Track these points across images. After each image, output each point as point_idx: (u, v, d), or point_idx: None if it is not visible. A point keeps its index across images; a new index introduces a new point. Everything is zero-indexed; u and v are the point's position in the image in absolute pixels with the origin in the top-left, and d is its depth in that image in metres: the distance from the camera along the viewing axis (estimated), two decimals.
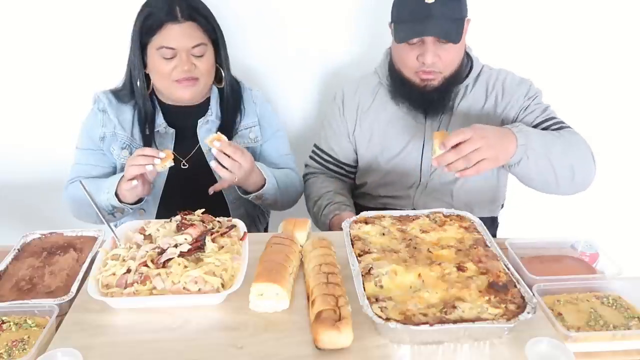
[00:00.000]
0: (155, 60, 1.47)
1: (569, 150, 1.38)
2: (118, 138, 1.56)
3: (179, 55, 1.45)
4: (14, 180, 2.11)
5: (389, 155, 1.63)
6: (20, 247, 1.25)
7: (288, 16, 1.94)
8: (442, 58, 1.44)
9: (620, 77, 2.04)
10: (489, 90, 1.57)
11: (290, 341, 0.94)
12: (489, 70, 1.60)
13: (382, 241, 1.14)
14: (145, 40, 1.47)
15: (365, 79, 1.70)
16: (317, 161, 1.76)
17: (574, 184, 1.43)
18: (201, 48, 1.47)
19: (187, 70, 1.46)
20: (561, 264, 1.17)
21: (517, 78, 1.58)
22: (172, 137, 1.58)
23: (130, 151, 1.56)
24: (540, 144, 1.34)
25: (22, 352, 0.92)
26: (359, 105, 1.67)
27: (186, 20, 1.44)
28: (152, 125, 1.57)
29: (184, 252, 1.07)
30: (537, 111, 1.51)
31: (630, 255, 1.42)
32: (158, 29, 1.44)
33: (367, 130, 1.66)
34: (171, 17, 1.43)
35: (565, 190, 1.45)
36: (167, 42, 1.44)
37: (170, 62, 1.46)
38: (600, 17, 1.96)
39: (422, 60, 1.44)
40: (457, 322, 0.88)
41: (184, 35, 1.44)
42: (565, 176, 1.39)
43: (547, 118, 1.49)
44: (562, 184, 1.41)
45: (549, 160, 1.35)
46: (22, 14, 1.88)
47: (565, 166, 1.38)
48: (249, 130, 1.65)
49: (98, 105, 1.59)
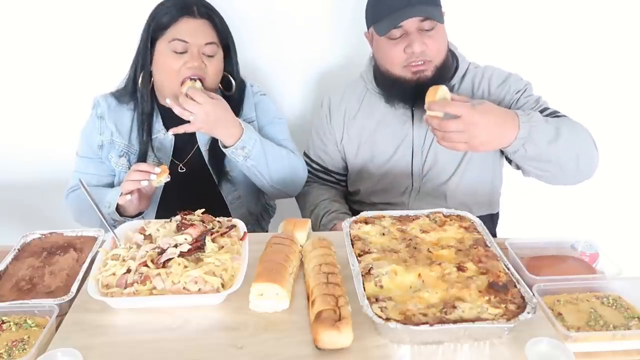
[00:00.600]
0: (163, 56, 1.45)
1: (572, 139, 1.34)
2: (116, 145, 1.55)
3: (190, 50, 1.43)
4: (14, 180, 2.11)
5: (379, 161, 1.62)
6: (20, 247, 1.24)
7: (281, 17, 1.94)
8: (429, 46, 1.43)
9: (621, 77, 2.04)
10: (475, 88, 1.56)
11: (290, 341, 0.94)
12: (474, 69, 1.59)
13: (382, 241, 1.14)
14: (157, 36, 1.46)
15: (351, 86, 1.69)
16: (308, 170, 1.75)
17: (579, 173, 1.40)
18: (213, 47, 1.46)
19: (196, 66, 1.43)
20: (561, 264, 1.17)
21: (504, 74, 1.56)
22: (171, 143, 1.56)
23: (129, 159, 1.56)
24: (543, 136, 1.29)
25: (22, 352, 0.92)
26: (345, 112, 1.66)
27: (202, 17, 1.45)
28: (150, 128, 1.55)
29: (184, 252, 1.07)
30: (529, 104, 1.49)
31: (630, 255, 1.42)
32: (173, 22, 1.43)
33: (355, 138, 1.65)
34: (188, 12, 1.44)
35: (570, 179, 1.42)
36: (181, 34, 1.43)
37: (180, 58, 1.43)
38: (592, 12, 1.95)
39: (411, 51, 1.43)
40: (457, 322, 0.88)
41: (199, 30, 1.44)
42: (570, 165, 1.35)
43: (541, 109, 1.46)
44: (567, 173, 1.38)
45: (552, 151, 1.31)
46: (24, 13, 1.88)
47: (569, 155, 1.34)
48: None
49: (96, 111, 1.57)
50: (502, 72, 1.57)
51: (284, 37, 1.97)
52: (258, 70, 2.00)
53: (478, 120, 1.23)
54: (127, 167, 1.55)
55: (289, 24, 1.96)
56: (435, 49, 1.45)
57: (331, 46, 2.00)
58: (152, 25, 1.46)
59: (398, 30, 1.43)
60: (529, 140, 1.28)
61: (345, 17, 1.93)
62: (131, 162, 1.56)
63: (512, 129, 1.27)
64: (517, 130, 1.27)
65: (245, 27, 1.90)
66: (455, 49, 1.60)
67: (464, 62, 1.58)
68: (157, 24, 1.45)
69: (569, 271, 1.12)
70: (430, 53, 1.44)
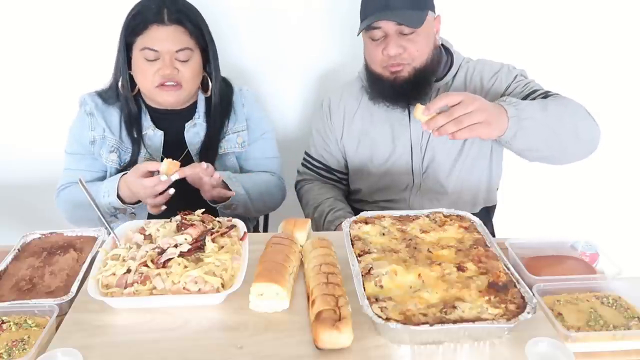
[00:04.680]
0: (138, 62, 1.46)
1: (564, 111, 1.33)
2: (107, 141, 1.55)
3: (162, 58, 1.43)
4: (14, 180, 2.11)
5: (379, 160, 1.64)
6: (20, 247, 1.24)
7: (277, 18, 1.94)
8: (406, 49, 1.46)
9: (621, 77, 2.04)
10: (467, 83, 1.57)
11: (290, 341, 0.94)
12: (466, 64, 1.60)
13: (382, 241, 1.14)
14: (131, 40, 1.46)
15: (349, 85, 1.71)
16: (309, 168, 1.77)
17: (581, 144, 1.38)
18: (186, 53, 1.45)
19: (168, 74, 1.43)
20: (561, 264, 1.17)
21: (495, 66, 1.57)
22: (160, 139, 1.56)
23: (119, 154, 1.55)
24: (533, 111, 1.28)
25: (22, 352, 0.92)
26: (345, 111, 1.68)
27: (173, 23, 1.43)
28: (139, 127, 1.55)
29: (184, 252, 1.07)
30: (518, 88, 1.50)
31: (630, 255, 1.42)
32: (143, 30, 1.43)
33: (355, 136, 1.66)
34: (157, 19, 1.42)
35: (575, 153, 1.40)
36: (151, 43, 1.42)
37: (153, 64, 1.44)
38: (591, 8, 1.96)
39: (387, 53, 1.46)
40: (457, 322, 0.88)
41: (169, 38, 1.43)
42: (570, 138, 1.34)
43: (531, 91, 1.47)
44: (570, 147, 1.36)
45: (547, 125, 1.29)
46: (24, 12, 1.88)
47: (566, 127, 1.32)
48: (237, 134, 1.62)
49: (85, 108, 1.57)
50: (494, 65, 1.58)
51: (281, 38, 1.97)
52: (255, 72, 2.00)
53: (477, 98, 1.24)
54: (117, 162, 1.55)
55: (285, 25, 1.96)
56: (414, 52, 1.47)
57: (329, 47, 2.00)
58: (126, 28, 1.46)
59: (379, 31, 1.46)
60: (521, 117, 1.26)
61: (342, 18, 1.93)
62: (121, 158, 1.55)
63: (502, 112, 1.26)
64: (504, 111, 1.26)
65: (241, 27, 1.91)
66: (451, 46, 1.61)
67: (458, 58, 1.60)
68: (130, 26, 1.45)
69: (569, 271, 1.12)
70: (408, 56, 1.47)
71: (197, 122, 1.58)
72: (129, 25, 1.45)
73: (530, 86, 1.49)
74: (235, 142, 1.62)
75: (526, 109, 1.28)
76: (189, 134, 1.58)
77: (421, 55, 1.49)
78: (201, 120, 1.59)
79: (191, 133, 1.58)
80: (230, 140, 1.62)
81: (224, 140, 1.61)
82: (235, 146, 1.62)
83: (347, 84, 1.72)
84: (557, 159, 1.42)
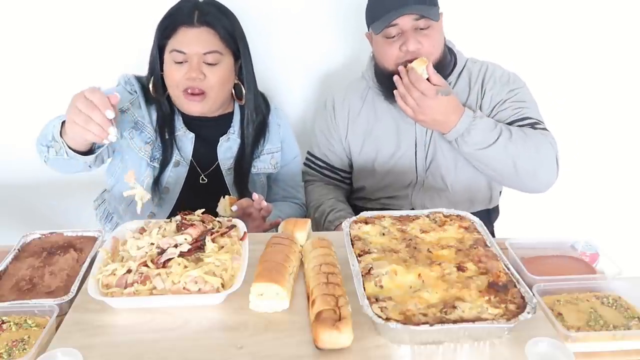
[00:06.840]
0: (167, 65, 1.44)
1: (513, 149, 1.41)
2: (146, 130, 1.49)
3: (189, 61, 1.41)
4: (14, 180, 2.10)
5: (383, 158, 1.64)
6: (20, 247, 1.24)
7: (282, 18, 1.94)
8: (424, 44, 1.47)
9: (621, 77, 2.04)
10: (471, 83, 1.58)
11: (290, 341, 0.94)
12: (472, 64, 1.61)
13: (382, 241, 1.13)
14: (163, 43, 1.45)
15: (353, 84, 1.72)
16: (313, 167, 1.77)
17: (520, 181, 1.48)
18: (214, 56, 1.42)
19: (194, 77, 1.40)
20: (561, 264, 1.17)
21: (500, 72, 1.59)
22: (191, 142, 1.54)
23: (152, 149, 1.49)
24: (478, 140, 1.43)
25: (22, 352, 0.92)
26: (349, 110, 1.68)
27: (202, 25, 1.41)
28: (172, 129, 1.52)
29: (184, 252, 1.07)
30: (510, 109, 1.52)
31: (630, 255, 1.42)
32: (173, 32, 1.42)
33: (359, 135, 1.67)
34: (187, 21, 1.40)
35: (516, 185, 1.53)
36: (180, 45, 1.41)
37: (181, 68, 1.41)
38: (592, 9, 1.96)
39: (405, 49, 1.46)
40: (457, 322, 0.88)
41: (197, 40, 1.40)
42: (507, 171, 1.45)
43: (521, 117, 1.50)
44: (509, 179, 1.49)
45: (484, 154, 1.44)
46: (25, 12, 1.88)
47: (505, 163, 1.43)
48: (270, 155, 1.60)
49: (129, 87, 1.51)
50: (499, 70, 1.59)
51: (284, 38, 1.97)
52: (258, 72, 1.99)
53: (432, 104, 1.40)
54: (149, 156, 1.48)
55: (289, 25, 1.96)
56: (430, 47, 1.48)
57: (333, 47, 2.00)
58: (158, 34, 1.45)
59: (394, 28, 1.47)
60: (461, 137, 1.44)
61: (346, 18, 1.93)
62: (153, 154, 1.50)
63: (453, 122, 1.43)
64: (457, 122, 1.42)
65: (244, 28, 1.90)
66: (453, 46, 1.62)
67: (461, 58, 1.61)
68: (161, 32, 1.44)
69: (569, 271, 1.12)
70: (425, 52, 1.47)
71: (231, 137, 1.56)
72: (161, 27, 1.44)
73: (523, 112, 1.51)
74: (269, 163, 1.61)
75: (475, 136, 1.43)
76: (221, 148, 1.55)
77: (436, 51, 1.50)
78: (236, 135, 1.56)
79: (224, 147, 1.56)
80: (264, 161, 1.60)
81: (258, 159, 1.59)
82: (269, 167, 1.61)
83: (351, 84, 1.72)
84: (499, 182, 1.62)
